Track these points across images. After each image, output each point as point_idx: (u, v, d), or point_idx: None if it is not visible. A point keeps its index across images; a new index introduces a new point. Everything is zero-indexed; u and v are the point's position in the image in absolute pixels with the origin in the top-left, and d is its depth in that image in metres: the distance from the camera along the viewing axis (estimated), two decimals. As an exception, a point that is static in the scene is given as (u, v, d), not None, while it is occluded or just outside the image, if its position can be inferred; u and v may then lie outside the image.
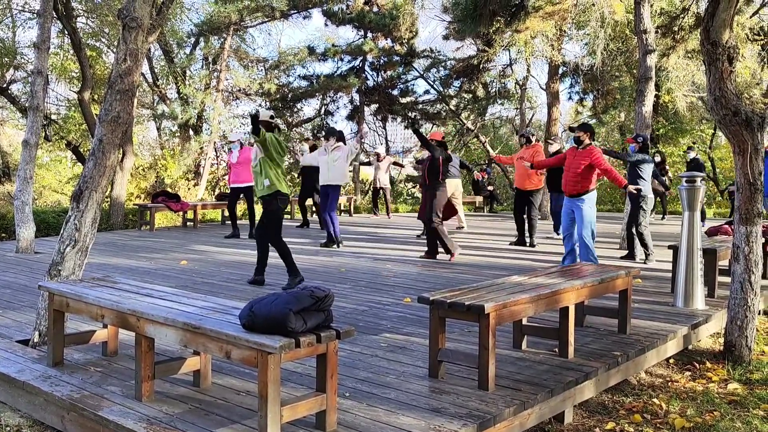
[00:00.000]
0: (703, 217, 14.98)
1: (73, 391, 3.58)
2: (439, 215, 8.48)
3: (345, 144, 10.07)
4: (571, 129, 7.49)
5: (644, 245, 8.47)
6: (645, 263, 8.39)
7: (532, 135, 10.54)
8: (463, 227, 13.07)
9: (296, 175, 18.84)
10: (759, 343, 5.52)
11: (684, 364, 5.07)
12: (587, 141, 7.42)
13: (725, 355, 5.11)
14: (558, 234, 11.27)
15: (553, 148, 11.06)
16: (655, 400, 4.23)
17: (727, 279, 5.86)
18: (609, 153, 8.84)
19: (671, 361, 5.11)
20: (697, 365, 5.01)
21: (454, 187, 11.97)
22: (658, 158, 14.99)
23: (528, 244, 10.29)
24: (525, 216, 10.41)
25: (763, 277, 6.94)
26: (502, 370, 3.98)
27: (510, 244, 10.53)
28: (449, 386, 3.73)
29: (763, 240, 6.72)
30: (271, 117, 6.75)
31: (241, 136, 11.46)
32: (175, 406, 3.39)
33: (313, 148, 12.85)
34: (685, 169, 16.00)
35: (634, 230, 8.53)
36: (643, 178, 8.28)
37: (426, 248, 8.95)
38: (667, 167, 15.78)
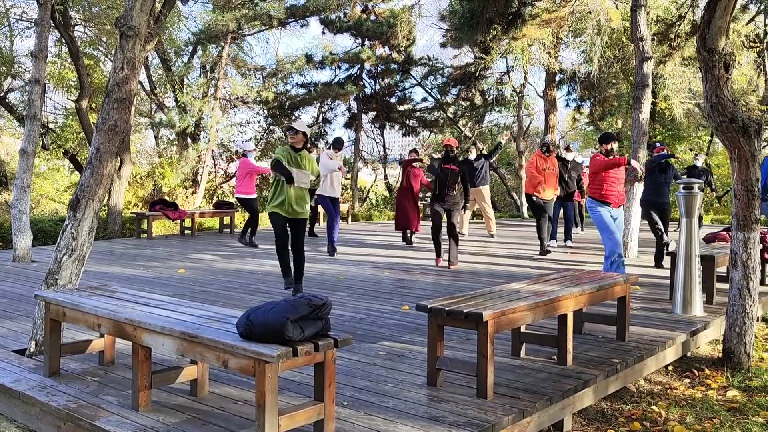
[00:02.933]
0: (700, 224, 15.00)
1: (69, 401, 3.56)
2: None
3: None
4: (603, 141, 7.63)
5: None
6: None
7: (554, 145, 10.53)
8: (493, 234, 12.89)
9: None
10: (758, 349, 5.52)
11: (683, 371, 5.06)
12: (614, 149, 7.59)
13: (724, 362, 5.10)
14: (570, 242, 11.46)
15: (570, 156, 11.16)
16: (654, 407, 4.22)
17: (726, 286, 5.85)
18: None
19: (670, 368, 5.10)
20: (696, 372, 4.99)
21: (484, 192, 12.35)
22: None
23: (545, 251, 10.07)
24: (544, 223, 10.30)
25: (762, 283, 6.94)
26: (501, 378, 3.96)
27: (542, 253, 10.14)
28: (448, 394, 3.71)
29: (761, 246, 6.72)
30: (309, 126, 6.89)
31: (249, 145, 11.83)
32: (172, 415, 3.37)
33: None
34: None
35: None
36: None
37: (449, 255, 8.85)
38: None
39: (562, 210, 11.37)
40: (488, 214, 12.65)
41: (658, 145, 8.84)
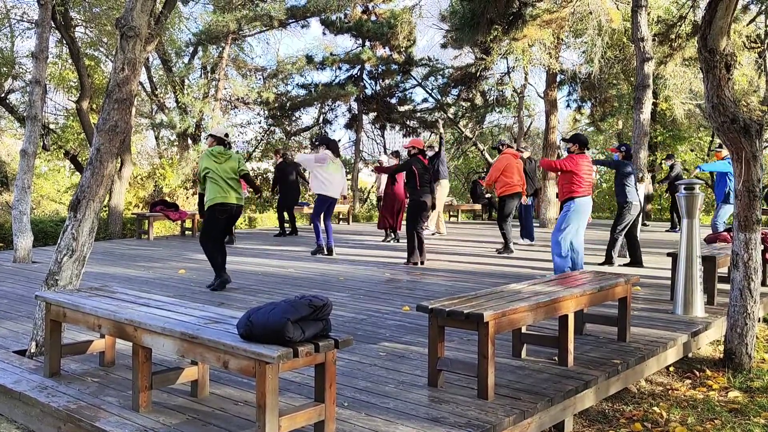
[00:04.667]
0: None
1: (69, 401, 3.55)
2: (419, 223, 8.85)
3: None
4: (564, 140, 7.74)
5: (610, 249, 8.70)
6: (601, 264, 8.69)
7: (502, 144, 10.69)
8: (436, 233, 13.29)
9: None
10: (759, 350, 5.51)
11: (684, 372, 5.05)
12: (574, 150, 7.58)
13: (725, 362, 5.09)
14: (523, 240, 11.77)
15: (524, 155, 11.29)
16: (655, 408, 4.21)
17: (727, 286, 5.84)
18: (598, 162, 9.08)
19: (671, 369, 5.10)
20: (698, 373, 4.99)
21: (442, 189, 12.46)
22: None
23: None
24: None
25: (763, 284, 6.93)
26: (502, 378, 3.96)
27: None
28: (448, 395, 3.71)
29: (762, 247, 6.71)
30: (225, 135, 7.33)
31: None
32: (172, 416, 3.37)
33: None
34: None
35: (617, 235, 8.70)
36: (627, 186, 8.43)
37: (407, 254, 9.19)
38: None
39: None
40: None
41: (614, 146, 8.94)
